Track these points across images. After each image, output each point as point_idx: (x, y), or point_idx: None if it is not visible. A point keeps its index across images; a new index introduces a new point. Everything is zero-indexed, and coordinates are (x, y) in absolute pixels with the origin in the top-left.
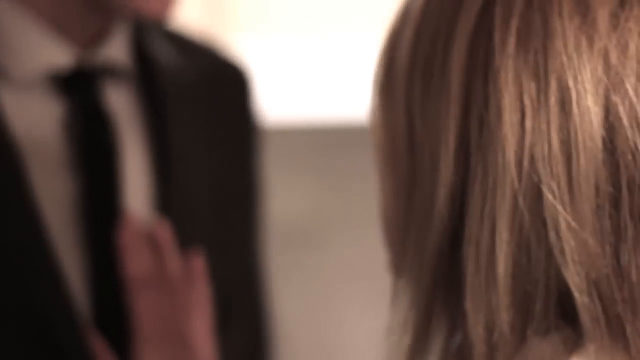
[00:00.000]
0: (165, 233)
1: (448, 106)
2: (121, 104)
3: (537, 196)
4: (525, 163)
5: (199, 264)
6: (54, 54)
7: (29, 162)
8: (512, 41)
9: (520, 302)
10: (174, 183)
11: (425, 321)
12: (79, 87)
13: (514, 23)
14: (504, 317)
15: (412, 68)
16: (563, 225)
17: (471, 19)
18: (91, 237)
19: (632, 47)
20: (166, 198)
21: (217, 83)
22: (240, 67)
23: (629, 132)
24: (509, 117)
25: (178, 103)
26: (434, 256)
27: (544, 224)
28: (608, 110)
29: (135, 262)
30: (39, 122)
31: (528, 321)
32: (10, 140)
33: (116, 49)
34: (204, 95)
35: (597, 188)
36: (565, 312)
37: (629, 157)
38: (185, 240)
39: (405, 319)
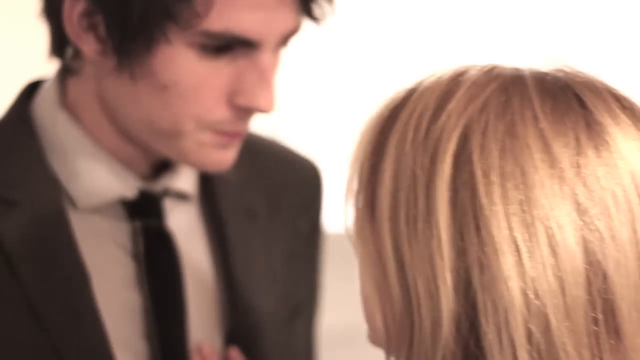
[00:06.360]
0: (237, 357)
1: (441, 249)
2: (184, 223)
3: (545, 323)
4: (531, 296)
5: None
6: (120, 185)
7: (95, 278)
8: (497, 192)
9: None
10: (238, 295)
11: None
12: (142, 212)
13: (496, 178)
14: None
15: (395, 211)
16: (569, 347)
17: (448, 172)
18: (158, 348)
19: (593, 189)
20: (232, 309)
21: (286, 188)
22: (313, 170)
23: (602, 263)
24: (508, 259)
25: (241, 218)
26: None
27: (554, 346)
28: (586, 247)
29: None
30: (105, 243)
31: None
32: (78, 259)
33: (180, 177)
34: (273, 202)
35: (585, 312)
36: None
37: (602, 285)
38: (251, 350)
39: None
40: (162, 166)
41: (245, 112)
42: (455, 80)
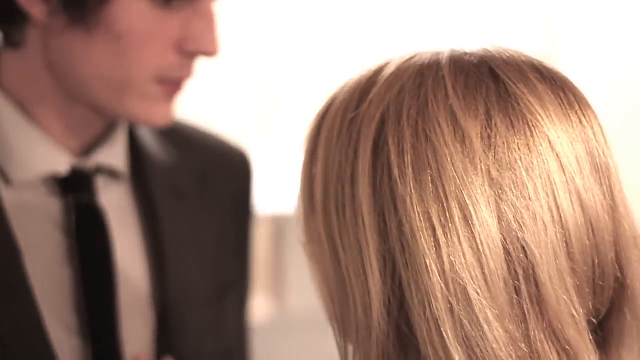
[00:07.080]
0: None
1: (365, 234)
2: (115, 201)
3: (465, 296)
4: (448, 271)
5: None
6: (52, 161)
7: (27, 253)
8: (410, 172)
9: None
10: (168, 272)
11: None
12: (74, 188)
13: (409, 158)
14: None
15: (327, 203)
16: (491, 317)
17: (368, 157)
18: (88, 320)
19: (504, 159)
20: (162, 285)
21: (215, 172)
22: (242, 157)
23: (519, 233)
24: (423, 236)
25: (170, 198)
26: (379, 347)
27: (478, 319)
28: (500, 218)
29: None
30: (37, 218)
31: None
32: (9, 235)
33: (112, 155)
34: (201, 185)
35: (505, 282)
36: None
37: (521, 254)
38: (180, 324)
39: None
40: (95, 144)
41: (191, 58)
42: (379, 71)
